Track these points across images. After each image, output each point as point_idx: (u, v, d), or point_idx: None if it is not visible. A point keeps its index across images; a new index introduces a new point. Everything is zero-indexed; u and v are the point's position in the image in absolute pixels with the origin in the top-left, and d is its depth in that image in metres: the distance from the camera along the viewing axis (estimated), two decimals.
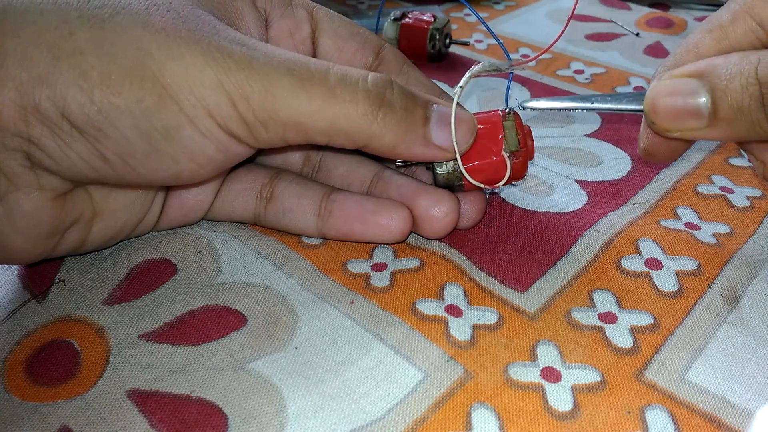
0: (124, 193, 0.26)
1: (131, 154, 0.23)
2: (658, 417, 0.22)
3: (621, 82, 0.43)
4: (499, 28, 0.53)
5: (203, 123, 0.22)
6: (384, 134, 0.24)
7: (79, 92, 0.21)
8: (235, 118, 0.23)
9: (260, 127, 0.23)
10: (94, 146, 0.22)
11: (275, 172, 0.29)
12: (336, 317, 0.26)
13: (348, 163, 0.30)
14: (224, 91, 0.22)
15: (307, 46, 0.29)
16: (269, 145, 0.24)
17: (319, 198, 0.28)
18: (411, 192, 0.28)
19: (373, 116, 0.24)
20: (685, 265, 0.28)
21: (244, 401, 0.22)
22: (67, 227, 0.25)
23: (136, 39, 0.22)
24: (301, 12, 0.29)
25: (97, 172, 0.23)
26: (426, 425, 0.22)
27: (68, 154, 0.22)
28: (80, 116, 0.21)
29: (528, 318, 0.26)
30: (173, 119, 0.22)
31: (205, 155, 0.23)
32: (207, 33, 0.23)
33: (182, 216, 0.29)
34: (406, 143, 0.25)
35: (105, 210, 0.26)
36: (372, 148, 0.25)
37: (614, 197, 0.32)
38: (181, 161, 0.23)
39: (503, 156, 0.27)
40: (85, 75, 0.21)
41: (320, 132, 0.24)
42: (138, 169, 0.23)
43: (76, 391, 0.23)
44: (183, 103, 0.22)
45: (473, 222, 0.29)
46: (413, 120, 0.25)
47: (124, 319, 0.26)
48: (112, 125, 0.22)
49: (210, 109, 0.22)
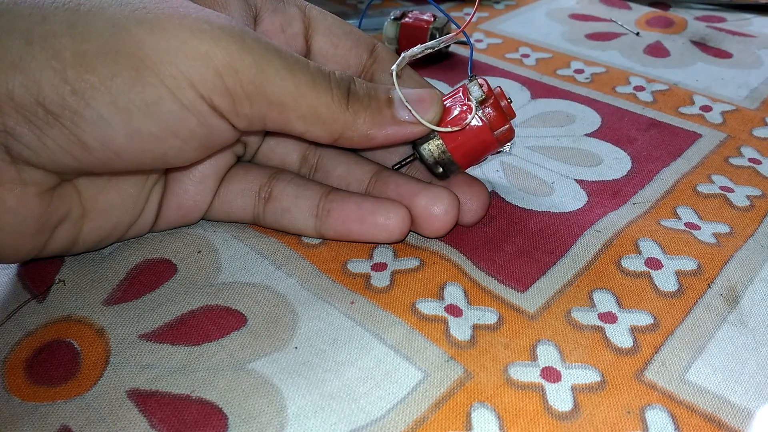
0: (116, 192, 0.26)
1: (112, 138, 0.22)
2: (658, 417, 0.22)
3: (621, 81, 0.43)
4: (499, 27, 0.53)
5: (185, 94, 0.22)
6: (355, 121, 0.25)
7: (53, 74, 0.21)
8: (220, 90, 0.22)
9: (245, 101, 0.23)
10: (72, 131, 0.21)
11: (273, 172, 0.29)
12: (336, 317, 0.26)
13: (346, 164, 0.30)
14: (211, 61, 0.22)
15: (299, 42, 0.29)
16: (248, 125, 0.24)
17: (317, 198, 0.28)
18: (409, 191, 0.28)
19: (345, 105, 0.25)
20: (685, 264, 0.28)
21: (244, 401, 0.22)
22: (54, 225, 0.25)
23: (112, 17, 0.21)
24: (293, 9, 0.29)
25: (79, 161, 0.22)
26: (426, 425, 0.22)
27: (45, 143, 0.22)
28: (55, 99, 0.21)
29: (528, 318, 0.26)
30: (152, 92, 0.22)
31: (188, 129, 0.23)
32: (194, 10, 0.23)
33: (180, 217, 0.29)
34: (377, 126, 0.25)
35: (95, 208, 0.26)
36: (347, 139, 0.25)
37: (614, 197, 0.32)
38: (166, 139, 0.23)
39: (477, 116, 0.27)
40: (57, 56, 0.21)
41: (300, 116, 0.24)
42: (122, 154, 0.23)
43: (76, 391, 0.23)
44: (163, 74, 0.21)
45: (477, 217, 0.29)
46: (378, 104, 0.26)
47: (124, 319, 0.26)
48: (87, 105, 0.21)
49: (193, 80, 0.22)
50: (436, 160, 0.27)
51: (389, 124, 0.26)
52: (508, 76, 0.44)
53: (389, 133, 0.26)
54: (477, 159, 0.28)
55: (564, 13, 0.55)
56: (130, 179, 0.27)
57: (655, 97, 0.41)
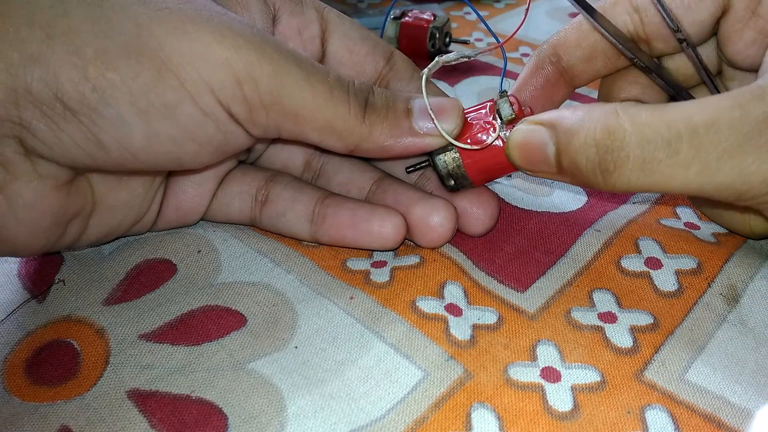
0: (126, 190, 0.26)
1: (129, 138, 0.22)
2: (657, 417, 0.22)
3: None
4: (499, 26, 0.53)
5: (204, 100, 0.22)
6: (371, 133, 0.25)
7: (73, 69, 0.21)
8: (238, 98, 0.22)
9: (262, 110, 0.23)
10: (90, 129, 0.21)
11: (271, 175, 0.29)
12: (335, 314, 0.26)
13: (348, 171, 0.30)
14: (231, 69, 0.22)
15: (315, 46, 0.29)
16: (263, 133, 0.24)
17: (312, 203, 0.28)
18: (408, 200, 0.28)
19: (362, 117, 0.24)
20: (685, 263, 0.28)
21: (244, 401, 0.22)
22: (69, 219, 0.25)
23: (135, 15, 0.21)
24: (311, 11, 0.28)
25: (93, 159, 0.22)
26: (426, 425, 0.22)
27: (61, 138, 0.21)
28: (74, 95, 0.21)
29: (528, 318, 0.26)
30: (173, 95, 0.22)
31: (206, 134, 0.23)
32: (216, 13, 0.22)
33: (179, 218, 0.29)
34: (394, 138, 0.25)
35: (103, 205, 0.26)
36: (364, 150, 0.25)
37: (614, 196, 0.32)
38: (183, 142, 0.23)
39: (501, 136, 0.26)
40: (78, 51, 0.21)
41: (316, 129, 0.24)
42: (138, 155, 0.23)
43: (76, 392, 0.23)
44: (184, 78, 0.21)
45: (486, 228, 0.29)
46: (396, 115, 0.25)
47: (124, 319, 0.26)
48: (107, 103, 0.21)
49: (213, 86, 0.22)
50: (449, 173, 0.27)
51: (407, 135, 0.25)
52: (508, 76, 0.44)
53: (407, 144, 0.26)
54: (491, 179, 0.28)
55: (564, 12, 0.55)
56: (140, 178, 0.27)
57: None
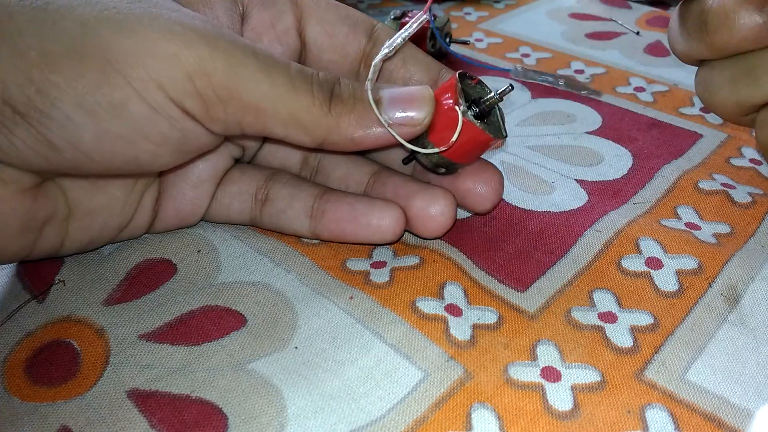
0: (103, 195, 0.26)
1: (79, 139, 0.22)
2: (658, 416, 0.22)
3: (622, 81, 0.43)
4: (499, 27, 0.53)
5: (153, 96, 0.21)
6: (338, 124, 0.24)
7: (18, 73, 0.20)
8: (190, 93, 0.22)
9: (219, 105, 0.22)
10: (39, 131, 0.21)
11: (270, 174, 0.29)
12: (335, 314, 0.26)
13: (346, 166, 0.30)
14: (181, 64, 0.21)
15: (291, 38, 0.27)
16: (224, 129, 0.23)
17: (311, 199, 0.28)
18: (406, 192, 0.28)
19: (327, 109, 0.24)
20: (685, 263, 0.28)
21: (244, 401, 0.22)
22: (41, 224, 0.24)
23: (80, 16, 0.21)
24: (283, 1, 0.27)
25: (49, 162, 0.22)
26: (426, 425, 0.22)
27: (14, 143, 0.21)
28: (20, 99, 0.21)
29: (528, 318, 0.26)
30: (119, 94, 0.21)
31: (159, 133, 0.22)
32: (167, 10, 0.22)
33: (178, 221, 0.29)
34: (363, 129, 0.24)
35: (81, 210, 0.26)
36: (332, 143, 0.24)
37: (614, 196, 0.32)
38: (136, 142, 0.22)
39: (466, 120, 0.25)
40: (22, 55, 0.20)
41: (279, 122, 0.23)
42: (92, 156, 0.22)
43: (76, 392, 0.23)
44: (130, 76, 0.21)
45: (492, 204, 0.28)
46: (363, 105, 0.24)
47: (124, 319, 0.26)
48: (52, 105, 0.21)
49: (162, 82, 0.21)
50: (436, 163, 0.27)
51: (376, 125, 0.24)
52: (508, 76, 0.44)
53: (377, 135, 0.24)
54: (478, 155, 0.27)
55: (564, 13, 0.55)
56: (116, 183, 0.26)
57: (656, 97, 0.41)
